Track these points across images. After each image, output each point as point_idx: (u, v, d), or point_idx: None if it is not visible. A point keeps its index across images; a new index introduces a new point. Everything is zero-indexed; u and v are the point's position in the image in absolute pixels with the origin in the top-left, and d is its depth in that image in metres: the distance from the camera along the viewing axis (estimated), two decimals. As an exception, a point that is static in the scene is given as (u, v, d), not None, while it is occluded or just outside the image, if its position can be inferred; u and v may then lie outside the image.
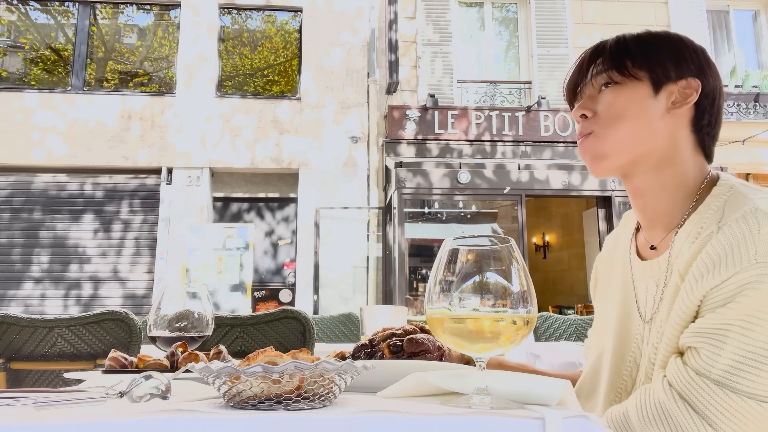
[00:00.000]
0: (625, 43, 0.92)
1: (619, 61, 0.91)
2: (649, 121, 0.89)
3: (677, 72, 0.90)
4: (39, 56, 8.90)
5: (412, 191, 7.54)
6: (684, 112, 0.90)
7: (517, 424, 0.53)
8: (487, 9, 9.17)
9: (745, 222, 0.75)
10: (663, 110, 0.89)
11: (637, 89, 0.90)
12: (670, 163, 0.90)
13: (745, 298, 0.71)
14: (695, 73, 0.90)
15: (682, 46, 0.92)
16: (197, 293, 1.14)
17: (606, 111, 0.91)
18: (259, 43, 9.22)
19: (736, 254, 0.73)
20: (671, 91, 0.89)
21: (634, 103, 0.89)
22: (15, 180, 8.22)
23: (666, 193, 0.91)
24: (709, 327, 0.73)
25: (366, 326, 1.66)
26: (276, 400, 0.56)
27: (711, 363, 0.72)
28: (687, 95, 0.89)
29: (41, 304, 7.92)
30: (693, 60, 0.91)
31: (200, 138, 8.26)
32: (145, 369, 0.98)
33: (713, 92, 0.91)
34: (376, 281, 8.02)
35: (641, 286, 0.94)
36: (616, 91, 0.91)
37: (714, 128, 0.92)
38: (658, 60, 0.90)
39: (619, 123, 0.90)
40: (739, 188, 0.84)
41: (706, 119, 0.91)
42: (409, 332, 0.81)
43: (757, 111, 8.81)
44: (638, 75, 0.90)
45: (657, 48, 0.91)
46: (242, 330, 1.74)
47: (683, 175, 0.90)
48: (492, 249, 0.67)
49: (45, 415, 0.55)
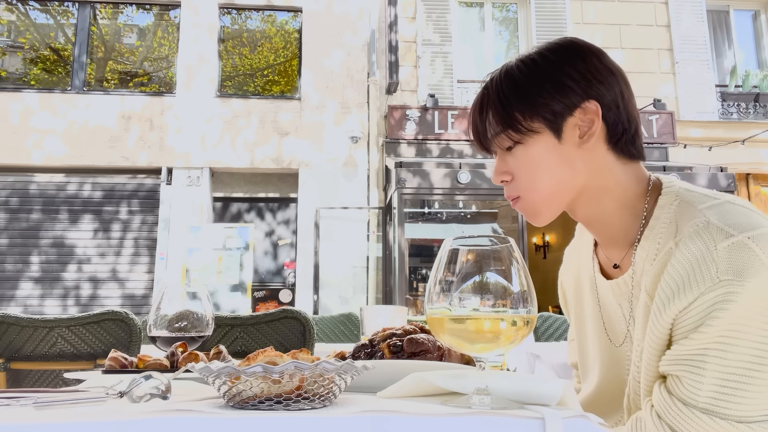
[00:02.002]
0: (506, 96, 0.87)
1: (509, 122, 0.87)
2: (565, 167, 0.86)
3: (568, 105, 0.85)
4: (38, 56, 8.90)
5: (412, 191, 7.54)
6: (595, 138, 0.86)
7: (517, 424, 0.53)
8: (487, 9, 9.17)
9: (700, 238, 0.74)
10: (574, 148, 0.86)
11: (539, 141, 0.86)
12: (602, 191, 0.88)
13: (716, 320, 0.70)
14: (586, 94, 0.85)
15: (560, 69, 0.86)
16: (197, 293, 1.14)
17: (520, 173, 0.89)
18: (259, 43, 9.22)
19: (698, 274, 0.72)
20: (574, 125, 0.86)
21: (543, 156, 0.86)
22: (14, 180, 8.22)
23: (612, 217, 0.89)
24: (686, 354, 0.73)
25: (366, 326, 1.66)
26: (276, 400, 0.56)
27: (695, 392, 0.72)
28: (591, 121, 0.85)
29: (41, 305, 7.92)
30: (577, 81, 0.85)
31: (200, 138, 8.26)
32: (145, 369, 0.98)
33: (614, 98, 0.86)
34: (376, 281, 8.02)
35: (609, 307, 0.94)
36: (522, 149, 0.87)
37: (630, 129, 0.88)
38: (543, 104, 0.85)
39: (537, 181, 0.87)
40: (685, 196, 0.83)
41: (620, 128, 0.87)
42: (409, 332, 0.81)
43: (757, 111, 8.81)
44: (534, 128, 0.86)
45: (537, 89, 0.86)
46: (242, 330, 1.74)
47: (623, 196, 0.88)
48: (492, 249, 0.67)
49: (45, 415, 0.55)
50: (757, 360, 0.69)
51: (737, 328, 0.70)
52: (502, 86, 0.88)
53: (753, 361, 0.69)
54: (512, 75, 0.88)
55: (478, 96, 0.93)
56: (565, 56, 0.87)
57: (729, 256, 0.71)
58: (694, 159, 8.32)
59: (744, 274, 0.70)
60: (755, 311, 0.69)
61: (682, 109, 8.66)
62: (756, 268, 0.70)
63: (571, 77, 0.85)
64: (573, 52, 0.88)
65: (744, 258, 0.71)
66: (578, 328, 1.06)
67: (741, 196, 8.62)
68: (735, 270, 0.70)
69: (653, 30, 8.97)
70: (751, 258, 0.70)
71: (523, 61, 0.89)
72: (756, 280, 0.69)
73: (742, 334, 0.69)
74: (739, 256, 0.71)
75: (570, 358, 1.13)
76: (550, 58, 0.87)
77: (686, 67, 8.80)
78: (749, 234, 0.72)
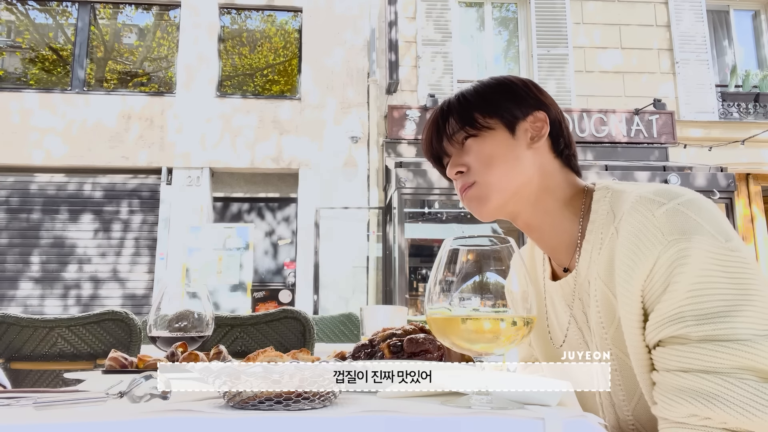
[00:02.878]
0: (467, 100, 1.00)
1: (469, 118, 0.98)
2: (516, 159, 0.96)
3: (522, 111, 0.98)
4: (38, 56, 8.90)
5: (412, 191, 7.53)
6: (543, 144, 0.98)
7: (517, 424, 0.53)
8: (487, 9, 9.17)
9: (637, 211, 0.81)
10: (524, 147, 0.97)
11: (495, 136, 0.97)
12: (545, 191, 0.97)
13: (679, 275, 0.75)
14: (536, 106, 0.99)
15: (514, 87, 1.00)
16: (197, 293, 1.14)
17: (477, 160, 0.97)
18: (258, 43, 9.22)
19: (647, 241, 0.78)
20: (525, 129, 0.97)
21: (498, 148, 0.97)
22: (14, 180, 8.22)
23: (553, 218, 0.97)
24: (666, 316, 0.76)
25: (366, 326, 1.66)
26: (276, 400, 0.56)
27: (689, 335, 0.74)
28: (540, 128, 0.97)
29: (41, 305, 7.92)
30: (529, 96, 1.00)
31: (200, 138, 8.26)
32: (145, 369, 0.98)
33: (557, 117, 1.00)
34: (376, 281, 8.02)
35: (557, 308, 1.00)
36: (477, 142, 0.98)
37: (570, 148, 1.01)
38: (501, 106, 0.98)
39: (491, 167, 0.96)
40: (615, 186, 0.92)
41: (562, 142, 1.00)
42: (409, 332, 0.81)
43: (757, 111, 8.81)
44: (491, 125, 0.97)
45: (495, 95, 0.99)
46: (242, 330, 1.74)
47: (563, 198, 0.98)
48: (492, 249, 0.67)
49: (45, 415, 0.55)
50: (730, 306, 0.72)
51: (701, 280, 0.74)
52: (464, 95, 1.02)
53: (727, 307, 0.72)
54: (474, 88, 1.02)
55: (435, 111, 1.04)
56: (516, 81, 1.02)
57: (668, 219, 0.78)
58: (694, 159, 8.32)
59: (687, 232, 0.76)
60: (710, 264, 0.74)
61: (682, 109, 8.66)
62: (695, 227, 0.76)
63: (523, 92, 1.00)
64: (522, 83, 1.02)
65: (681, 220, 0.77)
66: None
67: (741, 196, 8.65)
68: (678, 230, 0.76)
69: (653, 30, 8.96)
70: (687, 219, 0.77)
71: (481, 81, 1.03)
72: (699, 236, 0.75)
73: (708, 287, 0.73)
74: (677, 218, 0.77)
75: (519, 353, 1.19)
76: (504, 81, 1.02)
77: (686, 67, 8.80)
78: (678, 201, 0.79)
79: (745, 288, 0.73)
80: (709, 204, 0.80)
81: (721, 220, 0.79)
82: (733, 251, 0.75)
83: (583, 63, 8.74)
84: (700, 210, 0.78)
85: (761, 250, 8.52)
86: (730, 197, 7.41)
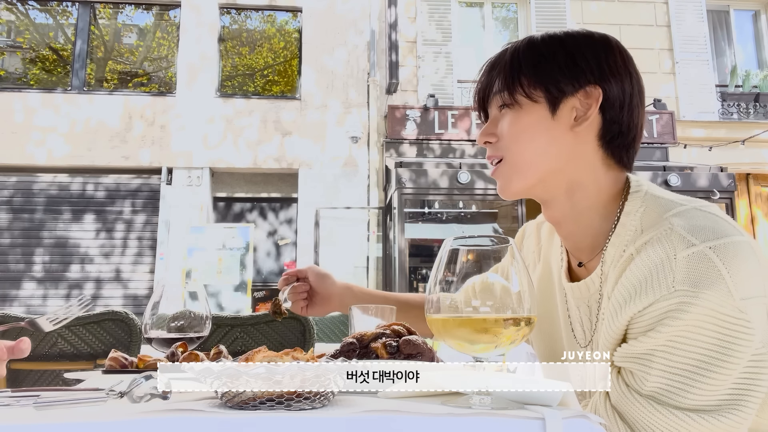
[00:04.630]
0: (519, 60, 0.87)
1: (512, 83, 0.87)
2: (549, 143, 0.86)
3: (574, 84, 0.85)
4: (38, 56, 8.90)
5: (412, 191, 7.53)
6: (589, 126, 0.85)
7: (517, 424, 0.53)
8: (488, 9, 9.17)
9: (661, 246, 0.75)
10: (565, 129, 0.85)
11: (534, 111, 0.86)
12: (578, 186, 0.87)
13: (666, 327, 0.72)
14: (596, 79, 0.84)
15: (579, 51, 0.86)
16: (195, 293, 1.14)
17: (507, 136, 0.88)
18: (259, 43, 9.22)
19: (655, 281, 0.73)
20: (572, 106, 0.85)
21: (532, 126, 0.86)
22: (16, 180, 8.22)
23: (582, 217, 0.88)
24: (636, 353, 0.75)
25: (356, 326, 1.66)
26: (278, 400, 0.56)
27: (642, 383, 0.75)
28: (588, 106, 0.84)
29: (42, 305, 7.92)
30: (592, 66, 0.85)
31: (201, 138, 8.26)
32: (145, 369, 0.98)
33: (620, 97, 0.85)
34: (376, 281, 8.02)
35: (575, 309, 0.94)
36: (514, 113, 0.87)
37: (627, 135, 0.87)
38: (551, 75, 0.85)
39: (520, 146, 0.87)
40: (651, 203, 0.82)
41: (616, 129, 0.86)
42: (398, 332, 0.80)
43: (758, 111, 8.81)
44: (533, 96, 0.86)
45: (550, 60, 0.86)
46: (242, 330, 1.74)
47: (595, 197, 0.87)
48: (492, 249, 0.66)
49: (45, 416, 0.55)
50: (702, 365, 0.71)
51: (686, 334, 0.71)
52: (520, 50, 0.88)
53: (698, 365, 0.71)
54: (533, 43, 0.88)
55: (494, 55, 0.93)
56: (590, 43, 0.88)
57: (687, 266, 0.72)
58: (695, 159, 8.32)
59: (700, 285, 0.70)
60: (707, 321, 0.70)
61: (683, 109, 8.66)
62: (712, 280, 0.70)
63: (587, 61, 0.85)
64: (601, 43, 0.88)
65: (702, 269, 0.71)
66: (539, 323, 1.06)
67: (741, 197, 8.64)
68: (691, 281, 0.71)
69: (653, 30, 8.96)
70: (709, 269, 0.71)
71: (549, 35, 0.89)
72: (710, 292, 0.70)
73: (690, 341, 0.71)
74: (698, 266, 0.71)
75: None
76: (575, 39, 0.88)
77: (686, 67, 8.80)
78: (711, 244, 0.72)
79: (726, 352, 0.70)
80: (749, 252, 0.73)
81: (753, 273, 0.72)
82: (741, 311, 0.70)
83: (583, 63, 8.74)
84: (735, 257, 0.71)
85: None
86: (730, 197, 7.41)
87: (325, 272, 1.23)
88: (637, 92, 0.87)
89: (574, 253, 0.94)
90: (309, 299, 1.23)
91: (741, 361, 0.70)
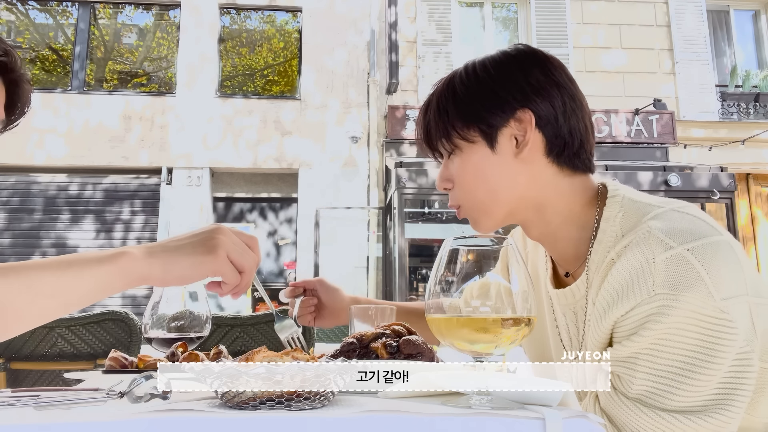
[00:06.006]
0: (444, 106, 0.88)
1: (445, 130, 0.87)
2: (501, 177, 0.86)
3: (501, 115, 0.85)
4: (38, 56, 8.90)
5: (412, 191, 7.53)
6: (532, 148, 0.85)
7: (517, 424, 0.53)
8: (488, 9, 9.17)
9: (639, 249, 0.75)
10: (510, 158, 0.86)
11: (475, 151, 0.86)
12: (545, 205, 0.88)
13: (648, 330, 0.73)
14: (522, 102, 0.84)
15: (498, 81, 0.86)
16: (195, 293, 1.14)
17: (459, 182, 0.89)
18: (258, 43, 9.22)
19: (636, 285, 0.74)
20: (509, 135, 0.85)
21: (478, 166, 0.87)
22: (15, 181, 8.22)
23: (560, 231, 0.89)
24: (621, 356, 0.76)
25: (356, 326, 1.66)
26: (278, 400, 0.56)
27: (628, 386, 0.76)
28: (524, 130, 0.84)
29: (41, 305, 7.91)
30: (513, 91, 0.85)
31: (201, 138, 8.26)
32: (145, 369, 0.98)
33: (552, 111, 0.84)
34: (376, 281, 8.02)
35: (561, 315, 0.94)
36: (459, 158, 0.88)
37: (573, 143, 0.85)
38: (478, 114, 0.85)
39: (473, 189, 0.88)
40: (629, 207, 0.83)
41: (560, 142, 0.85)
42: (398, 332, 0.80)
43: (758, 111, 8.81)
44: (469, 138, 0.86)
45: (473, 99, 0.86)
46: (242, 330, 1.75)
47: (566, 209, 0.88)
48: (492, 249, 0.67)
49: (45, 416, 0.55)
50: (686, 367, 0.71)
51: (669, 337, 0.72)
52: (444, 96, 0.89)
53: (682, 367, 0.72)
54: (454, 86, 0.89)
55: (425, 101, 0.94)
56: (506, 68, 0.87)
57: (666, 269, 0.72)
58: (695, 159, 8.32)
59: (679, 287, 0.71)
60: (688, 323, 0.71)
61: (683, 109, 8.66)
62: (692, 282, 0.71)
63: (507, 89, 0.85)
64: (518, 64, 0.87)
65: (680, 271, 0.72)
66: None
67: (742, 197, 8.64)
68: (671, 284, 0.71)
69: (653, 30, 8.96)
70: (688, 271, 0.71)
71: (466, 72, 0.89)
72: (690, 294, 0.70)
73: (673, 343, 0.72)
74: (676, 269, 0.72)
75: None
76: (491, 69, 0.88)
77: (686, 67, 8.80)
78: (689, 246, 0.73)
79: (710, 352, 0.70)
80: (728, 251, 0.74)
81: (733, 273, 0.72)
82: (723, 311, 0.70)
83: (583, 63, 8.74)
84: (713, 258, 0.72)
85: (762, 251, 8.52)
86: (730, 197, 7.41)
87: (334, 286, 1.22)
88: (569, 99, 0.86)
89: (561, 263, 0.95)
90: (317, 312, 1.23)
91: (725, 361, 0.71)
